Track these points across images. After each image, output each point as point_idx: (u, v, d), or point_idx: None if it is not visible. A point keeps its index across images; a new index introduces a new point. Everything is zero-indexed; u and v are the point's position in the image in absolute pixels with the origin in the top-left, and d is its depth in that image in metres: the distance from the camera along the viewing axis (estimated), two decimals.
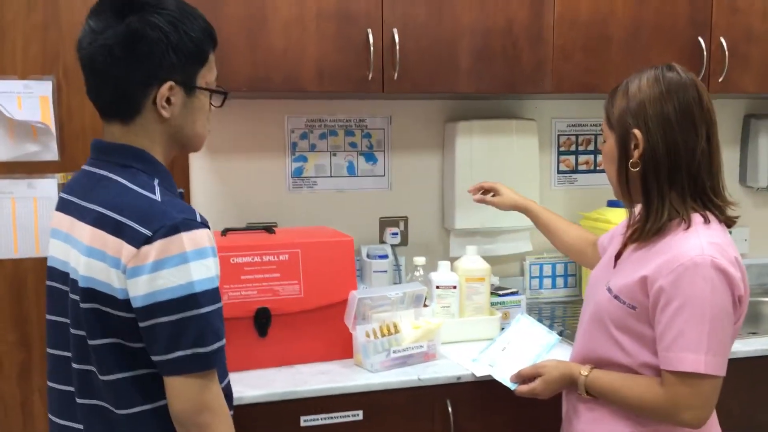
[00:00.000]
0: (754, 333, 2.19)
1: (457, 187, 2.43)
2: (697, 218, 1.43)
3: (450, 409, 1.83)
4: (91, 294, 1.18)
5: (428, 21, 2.07)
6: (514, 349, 1.86)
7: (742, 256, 2.83)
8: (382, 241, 2.46)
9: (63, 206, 1.30)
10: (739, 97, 2.71)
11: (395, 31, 2.03)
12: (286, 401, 1.74)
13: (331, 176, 2.43)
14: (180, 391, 1.16)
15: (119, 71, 1.19)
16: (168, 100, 1.22)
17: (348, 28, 2.02)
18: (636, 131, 1.43)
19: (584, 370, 1.53)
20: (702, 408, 1.39)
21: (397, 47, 2.03)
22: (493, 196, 2.05)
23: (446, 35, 2.09)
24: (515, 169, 2.48)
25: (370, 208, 2.47)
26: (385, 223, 2.47)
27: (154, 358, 1.17)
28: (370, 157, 2.46)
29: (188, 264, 1.14)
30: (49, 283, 1.31)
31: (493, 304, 2.16)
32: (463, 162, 2.42)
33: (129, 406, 1.20)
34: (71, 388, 1.27)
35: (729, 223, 1.48)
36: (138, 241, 1.13)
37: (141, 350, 1.19)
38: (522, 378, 1.69)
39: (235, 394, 1.69)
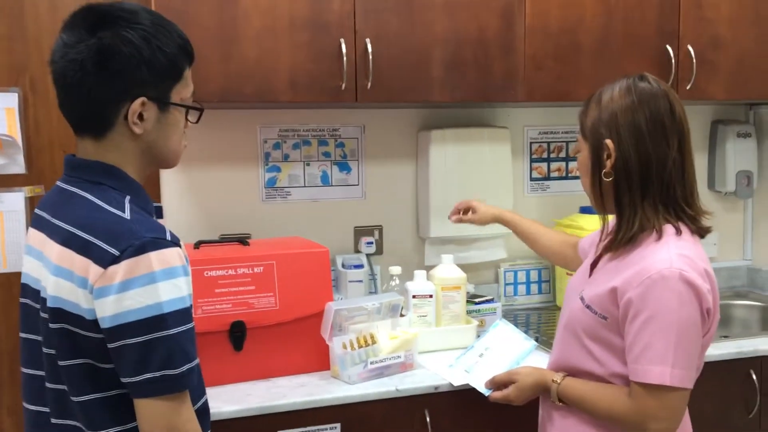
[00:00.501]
0: (725, 336, 2.22)
1: (431, 195, 2.43)
2: (669, 229, 1.43)
3: (428, 419, 1.82)
4: (60, 314, 1.15)
5: (401, 30, 2.08)
6: (491, 356, 1.86)
7: (711, 260, 2.87)
8: (357, 251, 2.46)
9: (37, 223, 1.27)
10: (706, 103, 2.76)
11: (368, 40, 2.03)
12: (262, 415, 1.72)
13: (305, 186, 2.41)
14: (149, 414, 1.13)
15: (90, 86, 1.17)
16: (140, 116, 1.19)
17: (321, 37, 2.02)
18: (608, 141, 1.44)
19: (557, 378, 1.54)
20: (669, 420, 1.40)
21: (370, 57, 2.03)
22: (470, 213, 2.08)
23: (419, 45, 2.10)
24: (489, 176, 2.49)
25: (344, 217, 2.46)
26: (360, 232, 2.47)
27: (123, 379, 1.14)
28: (343, 167, 2.45)
29: (156, 284, 1.11)
30: (22, 300, 1.29)
31: (468, 312, 2.16)
32: (437, 170, 2.43)
33: (100, 428, 1.17)
34: (46, 409, 1.24)
35: (702, 233, 1.48)
36: (105, 260, 1.11)
37: (112, 371, 1.16)
38: (496, 384, 1.70)
39: (211, 410, 1.67)
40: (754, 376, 2.09)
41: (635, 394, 1.40)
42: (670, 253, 1.38)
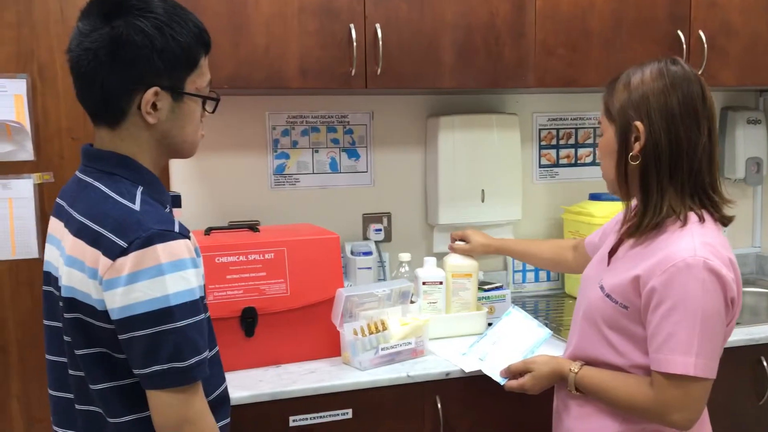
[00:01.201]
0: (736, 323, 2.21)
1: (440, 182, 2.42)
2: (692, 217, 1.41)
3: (439, 406, 1.82)
4: (73, 304, 1.16)
5: (410, 16, 2.06)
6: (505, 344, 1.85)
7: None
8: (365, 238, 2.45)
9: (57, 211, 1.28)
10: (716, 89, 2.72)
11: (378, 26, 2.02)
12: (274, 401, 1.72)
13: (313, 173, 2.41)
14: (159, 405, 1.14)
15: (103, 75, 1.16)
16: (154, 106, 1.19)
17: (330, 23, 2.00)
18: (638, 123, 1.41)
19: (574, 367, 1.53)
20: (691, 410, 1.39)
21: (380, 42, 2.01)
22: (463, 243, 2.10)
23: (429, 30, 2.08)
24: (498, 163, 2.48)
25: (353, 204, 2.45)
26: (369, 219, 2.46)
27: (134, 370, 1.15)
28: (352, 153, 2.44)
29: (164, 276, 1.11)
30: (45, 288, 1.29)
31: (478, 299, 2.16)
32: (446, 157, 2.42)
33: (117, 416, 1.18)
34: (70, 395, 1.25)
35: (725, 222, 1.46)
36: (113, 252, 1.11)
37: (126, 360, 1.16)
38: (512, 373, 1.69)
39: None
40: (765, 363, 2.08)
41: (657, 384, 1.39)
42: (694, 241, 1.36)
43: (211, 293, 1.78)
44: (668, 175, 1.41)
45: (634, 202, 1.50)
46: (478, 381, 1.79)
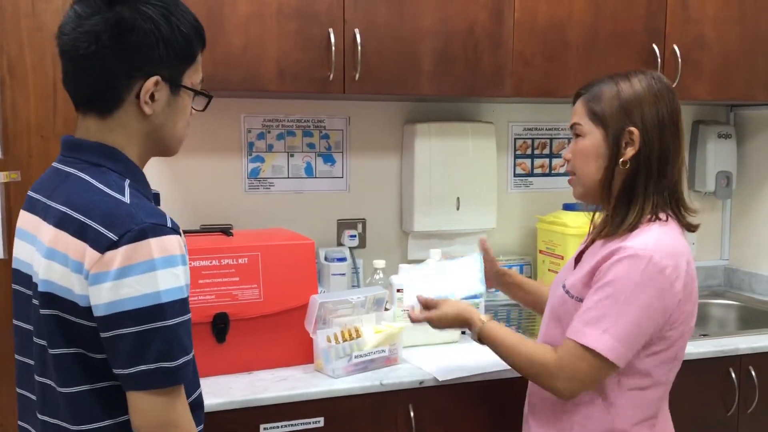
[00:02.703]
0: (704, 335, 2.24)
1: (415, 189, 2.42)
2: (657, 219, 1.45)
3: (412, 414, 1.81)
4: (51, 299, 1.11)
5: (390, 22, 2.05)
6: (440, 279, 1.88)
7: None
8: (339, 244, 2.43)
9: (29, 205, 1.22)
10: (688, 103, 2.77)
11: (357, 31, 2.01)
12: (245, 409, 1.69)
13: (288, 177, 2.38)
14: (142, 407, 1.09)
15: (104, 60, 1.12)
16: (152, 96, 1.15)
17: (309, 26, 1.99)
18: (633, 129, 1.43)
19: (484, 318, 1.58)
20: (577, 381, 1.42)
21: (359, 47, 2.00)
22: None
23: (408, 37, 2.08)
24: (473, 172, 2.48)
25: (327, 210, 2.43)
26: (343, 225, 2.44)
27: (116, 371, 1.09)
28: (328, 159, 2.42)
29: (156, 272, 1.06)
30: (14, 286, 1.24)
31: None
32: (422, 164, 2.41)
33: (88, 422, 1.13)
34: (34, 397, 1.20)
35: (691, 228, 1.51)
36: (102, 245, 1.06)
37: (103, 361, 1.11)
38: (424, 304, 1.72)
39: None
40: (733, 375, 2.11)
41: (563, 349, 1.43)
42: (649, 237, 1.40)
43: None
44: (654, 182, 1.44)
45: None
46: (452, 390, 1.78)
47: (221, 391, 1.72)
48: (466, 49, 2.14)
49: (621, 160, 1.44)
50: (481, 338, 1.57)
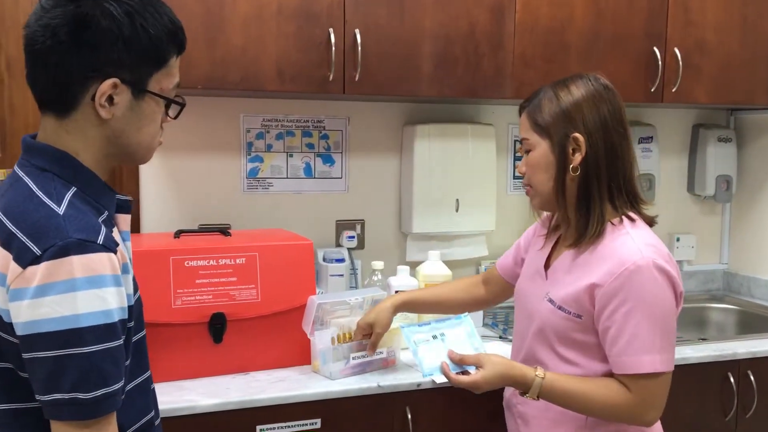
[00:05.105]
0: (703, 339, 2.23)
1: (414, 191, 2.41)
2: (624, 220, 1.47)
3: (409, 417, 1.80)
4: None
5: (391, 23, 2.05)
6: (442, 344, 1.68)
7: (689, 263, 2.93)
8: (338, 245, 2.43)
9: None
10: (688, 107, 2.77)
11: (357, 31, 2.00)
12: (242, 410, 1.68)
13: (287, 177, 2.37)
14: None
15: (59, 57, 1.04)
16: (110, 99, 1.07)
17: (309, 26, 1.98)
18: (577, 135, 1.44)
19: (540, 372, 1.46)
20: (661, 406, 1.44)
21: (359, 48, 2.00)
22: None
23: (408, 38, 2.07)
24: (472, 174, 2.47)
25: (326, 210, 2.42)
26: (342, 226, 2.44)
27: (36, 396, 1.01)
28: (327, 159, 2.41)
29: (75, 293, 0.97)
30: None
31: None
32: (421, 166, 2.41)
33: None
34: None
35: (651, 223, 1.52)
36: (25, 259, 0.98)
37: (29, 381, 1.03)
38: (464, 363, 1.55)
39: (188, 403, 1.64)
40: (732, 379, 2.10)
41: (632, 386, 1.41)
42: (637, 243, 1.42)
43: (179, 298, 1.74)
44: (607, 183, 1.46)
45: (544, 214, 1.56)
46: (449, 393, 1.77)
47: (218, 391, 1.71)
48: (466, 50, 2.13)
49: (571, 166, 1.45)
50: (542, 394, 1.45)
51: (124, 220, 1.18)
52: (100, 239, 1.02)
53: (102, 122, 1.08)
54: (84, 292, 0.98)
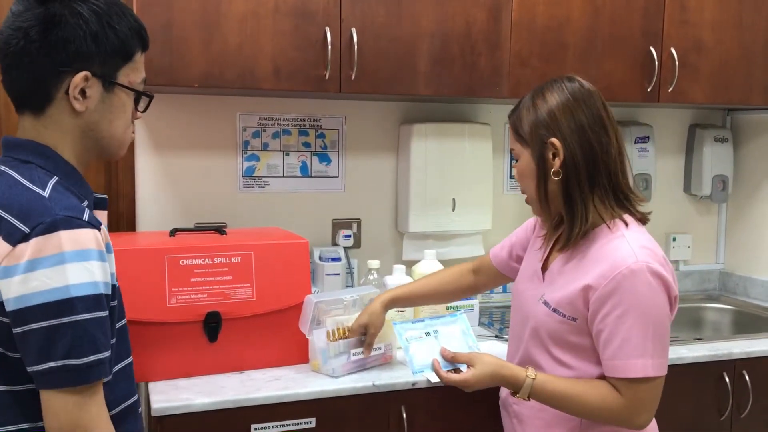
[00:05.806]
0: (699, 339, 2.23)
1: (411, 190, 2.41)
2: (618, 222, 1.47)
3: (404, 415, 1.80)
4: None
5: (387, 21, 2.05)
6: (435, 341, 1.69)
7: (684, 263, 2.93)
8: (334, 243, 2.42)
9: None
10: (685, 107, 2.77)
11: (354, 30, 2.00)
12: (237, 409, 1.68)
13: (283, 176, 2.37)
14: (52, 407, 1.05)
15: (32, 56, 1.11)
16: (83, 92, 1.14)
17: (306, 25, 1.98)
18: (554, 140, 1.44)
19: (531, 372, 1.47)
20: (652, 409, 1.44)
21: (356, 47, 1.99)
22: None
23: (405, 37, 2.07)
24: (469, 173, 2.47)
25: (322, 209, 2.42)
26: (338, 224, 2.43)
27: (28, 368, 1.06)
28: (323, 158, 2.41)
29: (65, 265, 1.04)
30: None
31: (446, 308, 2.14)
32: (418, 165, 2.41)
33: (5, 423, 1.09)
34: None
35: (644, 220, 1.52)
36: (14, 238, 1.04)
37: (21, 362, 1.07)
38: (457, 361, 1.57)
39: (183, 402, 1.64)
40: (727, 379, 2.10)
41: (624, 389, 1.41)
42: (631, 246, 1.41)
43: (174, 296, 1.74)
44: (588, 184, 1.45)
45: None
46: (444, 392, 1.77)
47: (213, 390, 1.71)
48: (463, 49, 2.13)
49: (552, 171, 1.45)
50: (533, 394, 1.47)
51: (102, 215, 1.24)
52: (85, 217, 1.09)
53: (76, 115, 1.15)
54: (73, 264, 1.04)
